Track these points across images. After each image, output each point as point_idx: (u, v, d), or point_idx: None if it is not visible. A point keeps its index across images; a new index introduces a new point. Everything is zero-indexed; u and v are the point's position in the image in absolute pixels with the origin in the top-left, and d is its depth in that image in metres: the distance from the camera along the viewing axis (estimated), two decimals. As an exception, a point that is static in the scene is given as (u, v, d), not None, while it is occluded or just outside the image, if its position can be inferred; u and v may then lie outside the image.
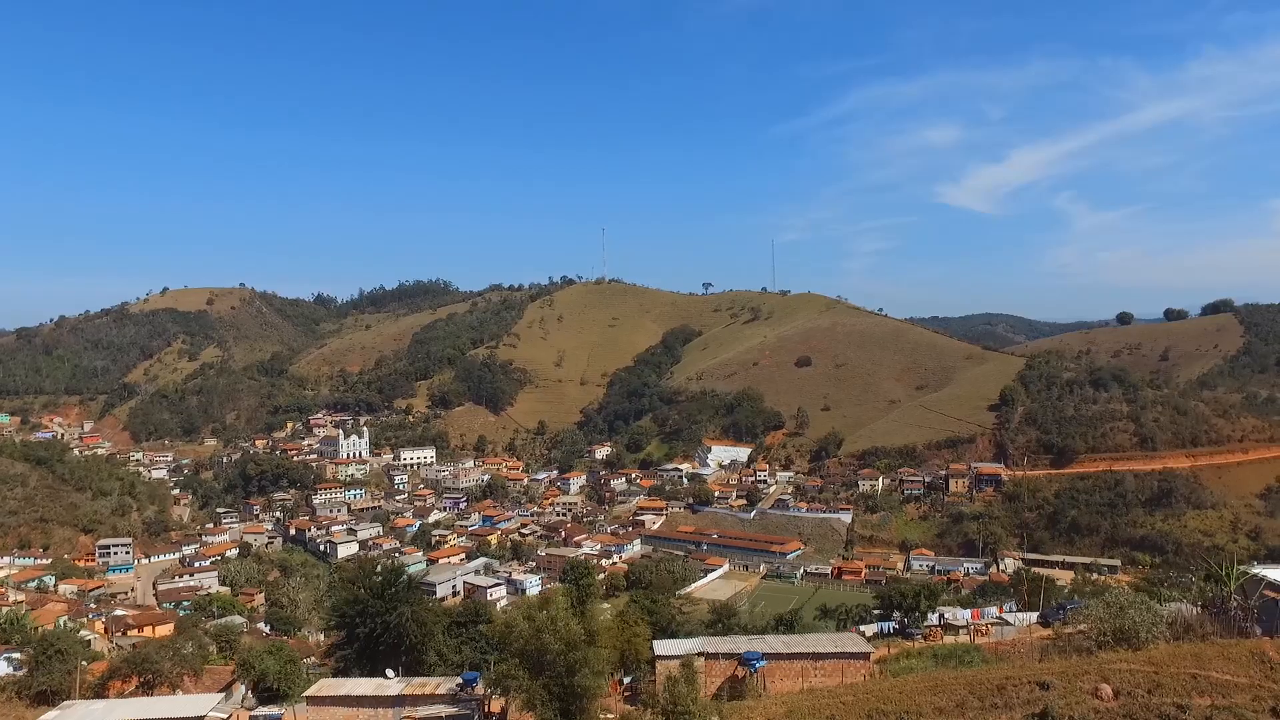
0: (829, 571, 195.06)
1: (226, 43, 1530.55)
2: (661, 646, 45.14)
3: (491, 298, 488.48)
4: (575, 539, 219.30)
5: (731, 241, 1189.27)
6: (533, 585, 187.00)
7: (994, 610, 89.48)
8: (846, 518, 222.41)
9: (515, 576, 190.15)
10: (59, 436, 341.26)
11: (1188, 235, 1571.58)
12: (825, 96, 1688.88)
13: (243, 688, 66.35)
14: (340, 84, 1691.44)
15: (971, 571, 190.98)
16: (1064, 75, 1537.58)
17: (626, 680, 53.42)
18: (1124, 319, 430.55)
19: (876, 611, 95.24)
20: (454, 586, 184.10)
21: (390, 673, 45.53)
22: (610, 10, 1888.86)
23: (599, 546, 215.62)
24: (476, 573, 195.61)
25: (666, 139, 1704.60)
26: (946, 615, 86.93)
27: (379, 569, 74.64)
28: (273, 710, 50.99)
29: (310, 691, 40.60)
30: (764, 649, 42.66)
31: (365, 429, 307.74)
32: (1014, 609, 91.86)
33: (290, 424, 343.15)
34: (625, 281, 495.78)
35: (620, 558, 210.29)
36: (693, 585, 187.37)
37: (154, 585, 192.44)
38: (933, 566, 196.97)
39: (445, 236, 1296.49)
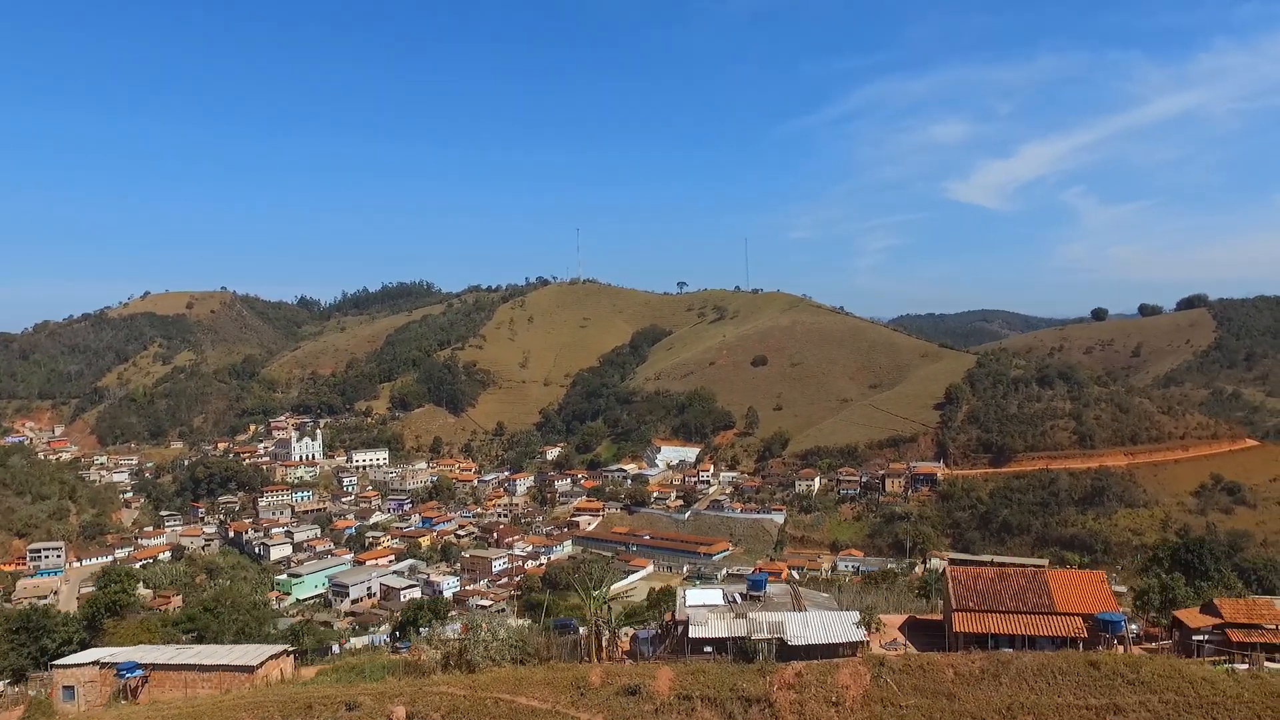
0: (750, 572, 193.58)
1: (214, 45, 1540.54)
2: (67, 658, 47.18)
3: (467, 299, 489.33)
4: (507, 540, 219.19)
5: (724, 241, 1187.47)
6: (450, 587, 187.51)
7: None
8: (779, 518, 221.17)
9: (434, 578, 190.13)
10: (29, 441, 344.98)
11: (1199, 229, 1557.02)
12: (832, 94, 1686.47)
13: None
14: (341, 84, 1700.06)
15: (896, 572, 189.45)
16: (1073, 69, 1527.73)
17: None
18: (1099, 315, 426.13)
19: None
20: (369, 588, 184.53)
21: None
22: (615, 12, 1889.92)
23: (529, 548, 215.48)
24: (398, 574, 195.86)
25: (669, 139, 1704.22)
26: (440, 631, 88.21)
27: None
28: None
29: None
30: (160, 659, 42.83)
31: (319, 431, 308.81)
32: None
33: (253, 427, 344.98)
34: (600, 282, 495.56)
35: (549, 559, 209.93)
36: (611, 587, 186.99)
37: (79, 588, 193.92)
38: (857, 567, 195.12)
39: (436, 238, 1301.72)
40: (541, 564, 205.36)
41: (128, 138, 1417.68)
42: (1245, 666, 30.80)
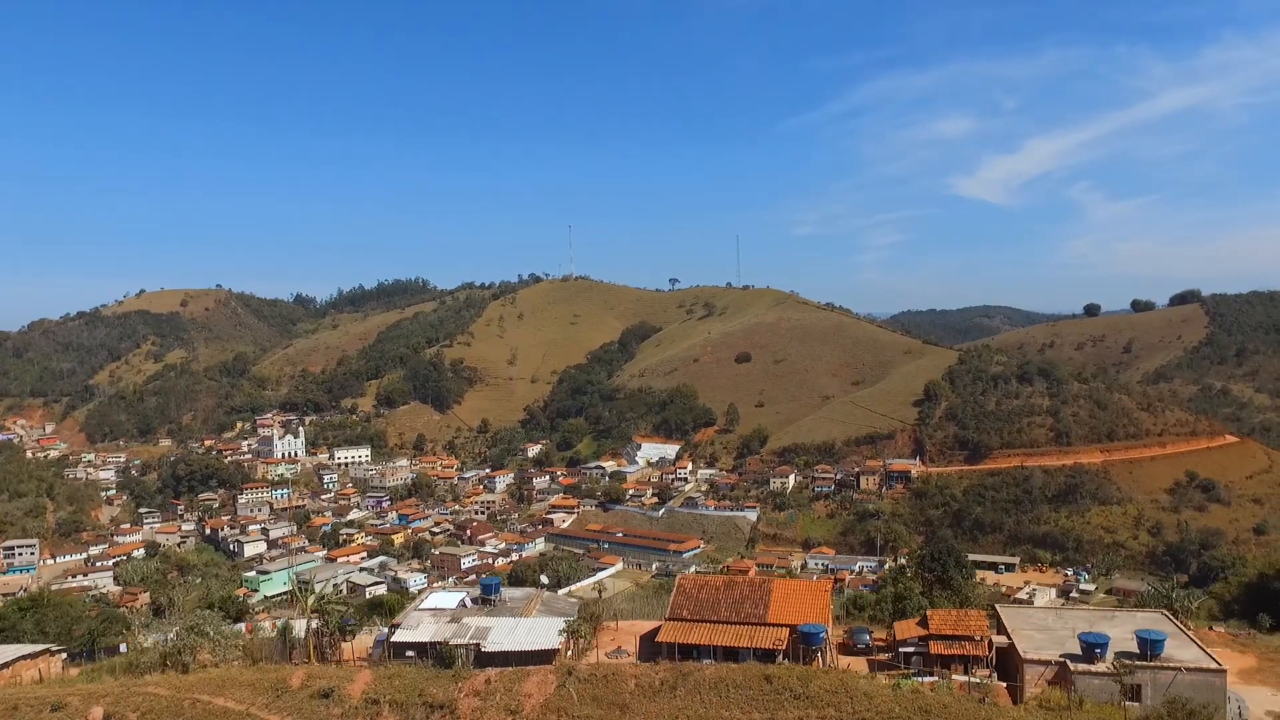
0: (720, 570, 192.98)
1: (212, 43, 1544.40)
2: None
3: (459, 296, 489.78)
4: (480, 538, 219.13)
5: (723, 238, 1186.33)
6: (417, 584, 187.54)
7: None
8: (752, 515, 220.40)
9: (400, 575, 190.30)
10: (18, 439, 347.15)
11: (1206, 225, 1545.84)
12: (836, 90, 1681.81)
13: None
14: (340, 81, 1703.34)
15: (865, 570, 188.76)
16: (1078, 64, 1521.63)
17: None
18: (1091, 310, 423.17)
19: None
20: (335, 585, 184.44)
21: None
22: (615, 8, 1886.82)
23: (501, 545, 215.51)
24: (367, 571, 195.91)
25: (671, 135, 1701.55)
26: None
27: None
28: None
29: None
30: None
31: (301, 429, 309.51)
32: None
33: (239, 424, 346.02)
34: (593, 279, 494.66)
35: (520, 556, 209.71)
36: (578, 584, 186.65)
37: (50, 586, 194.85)
38: (827, 566, 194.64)
39: (433, 236, 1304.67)
40: (512, 561, 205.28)
41: (126, 135, 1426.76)
42: (930, 679, 30.08)
